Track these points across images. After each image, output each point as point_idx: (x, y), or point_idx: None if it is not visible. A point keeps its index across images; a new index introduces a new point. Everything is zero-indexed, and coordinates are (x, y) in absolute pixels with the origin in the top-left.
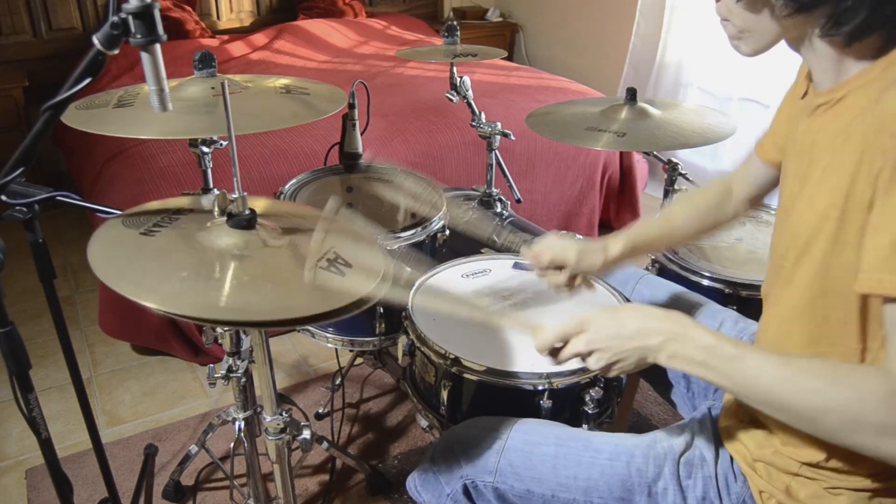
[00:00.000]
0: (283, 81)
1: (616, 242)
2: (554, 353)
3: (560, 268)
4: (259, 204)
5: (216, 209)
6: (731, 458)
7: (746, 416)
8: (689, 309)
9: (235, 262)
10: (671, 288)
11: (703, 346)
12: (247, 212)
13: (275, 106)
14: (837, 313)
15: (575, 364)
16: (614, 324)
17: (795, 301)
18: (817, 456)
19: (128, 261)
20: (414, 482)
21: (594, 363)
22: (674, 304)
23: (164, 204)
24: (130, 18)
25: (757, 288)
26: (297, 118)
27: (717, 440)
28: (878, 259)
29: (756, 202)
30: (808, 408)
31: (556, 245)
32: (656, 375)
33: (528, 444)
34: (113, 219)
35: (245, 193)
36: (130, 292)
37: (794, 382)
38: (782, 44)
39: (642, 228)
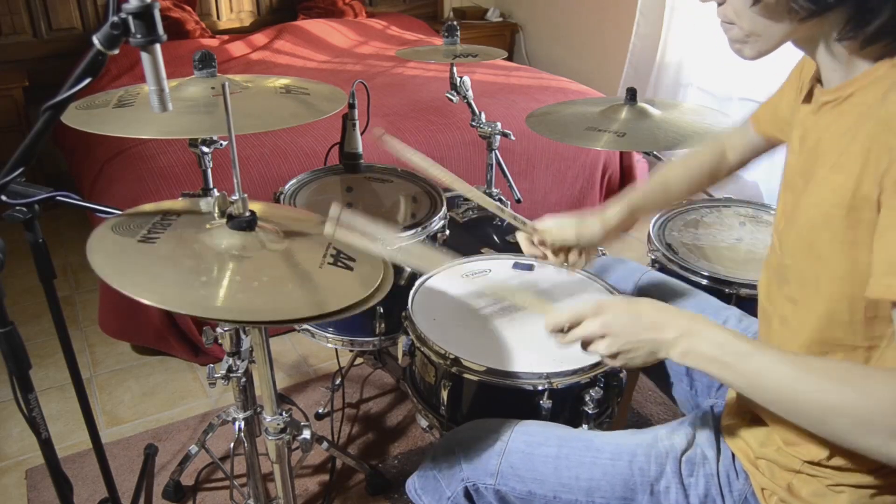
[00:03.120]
0: (283, 81)
1: (613, 211)
2: (560, 334)
3: (563, 249)
4: (257, 207)
5: (216, 211)
6: (733, 456)
7: (749, 414)
8: (692, 305)
9: (234, 263)
10: (673, 284)
11: (716, 343)
12: (247, 213)
13: (275, 106)
14: (843, 312)
15: (575, 364)
16: (632, 312)
17: (800, 300)
18: (820, 454)
19: (130, 264)
20: (414, 485)
21: (604, 348)
22: (677, 300)
23: (158, 206)
24: (130, 18)
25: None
26: (297, 118)
27: (719, 438)
28: (887, 263)
29: (744, 165)
30: (818, 408)
31: (553, 226)
32: (659, 372)
33: (529, 445)
34: (103, 226)
35: (245, 195)
36: (131, 291)
37: (806, 382)
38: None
39: (638, 193)
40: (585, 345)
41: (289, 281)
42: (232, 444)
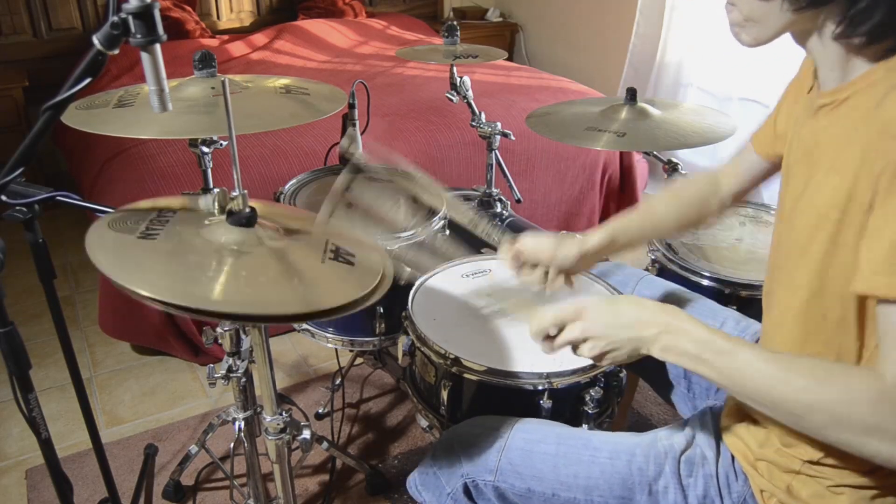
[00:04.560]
0: (283, 81)
1: (594, 234)
2: (548, 340)
3: (540, 266)
4: (256, 206)
5: (216, 207)
6: (733, 457)
7: (748, 416)
8: (690, 309)
9: (233, 259)
10: (672, 288)
11: (696, 340)
12: (247, 210)
13: (275, 106)
14: (835, 313)
15: (575, 364)
16: (611, 313)
17: (795, 300)
18: (816, 453)
19: (133, 260)
20: (414, 481)
21: (588, 351)
22: (675, 304)
23: (154, 203)
24: (130, 18)
25: (757, 288)
26: (297, 118)
27: (719, 439)
28: (874, 261)
29: (741, 197)
30: (796, 404)
31: (529, 242)
32: (657, 376)
33: (528, 442)
34: (100, 223)
35: (245, 191)
36: (137, 287)
37: (784, 378)
38: (782, 42)
39: (623, 220)
40: (574, 348)
41: (290, 277)
42: (232, 444)
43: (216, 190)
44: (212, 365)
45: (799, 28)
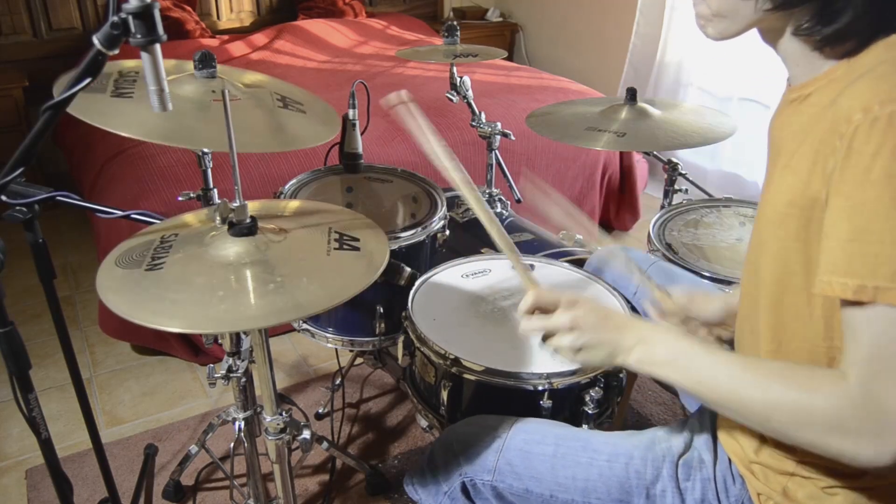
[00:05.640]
0: (280, 84)
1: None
2: (532, 320)
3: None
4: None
5: (218, 219)
6: (730, 460)
7: None
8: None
9: (250, 270)
10: (681, 274)
11: (669, 347)
12: (248, 220)
13: (268, 127)
14: (802, 310)
15: (575, 364)
16: (602, 312)
17: (763, 297)
18: (809, 455)
19: (147, 295)
20: (412, 480)
21: (570, 341)
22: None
23: (153, 230)
24: (130, 18)
25: None
26: (293, 143)
27: (716, 442)
28: (828, 262)
29: None
30: (761, 405)
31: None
32: None
33: (527, 443)
34: (107, 263)
35: (245, 203)
36: (154, 322)
37: (749, 380)
38: None
39: None
40: (546, 337)
41: (304, 274)
42: (232, 444)
43: (218, 202)
44: (212, 365)
45: (767, 26)
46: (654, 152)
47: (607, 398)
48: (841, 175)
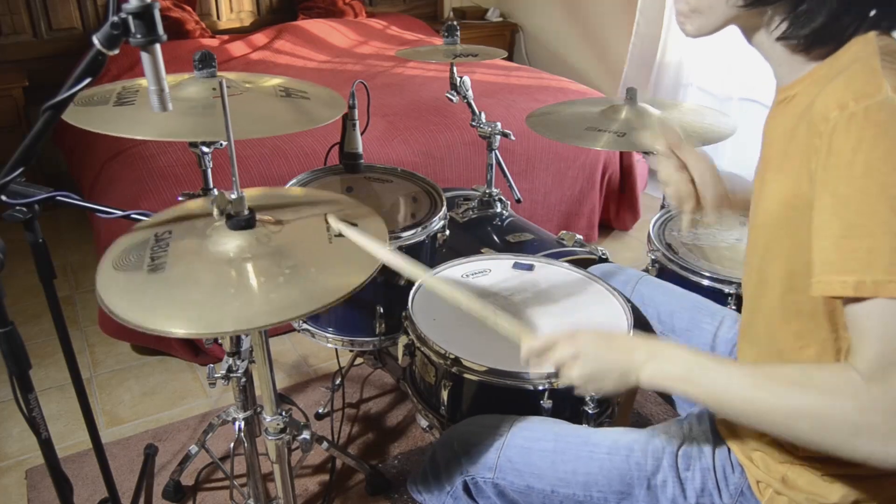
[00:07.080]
0: (277, 81)
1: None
2: (537, 359)
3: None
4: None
5: (216, 211)
6: (729, 449)
7: None
8: (689, 308)
9: (252, 264)
10: (670, 289)
11: (682, 361)
12: (245, 212)
13: (273, 110)
14: (806, 307)
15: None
16: (603, 338)
17: (769, 297)
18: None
19: (154, 299)
20: (414, 480)
21: (577, 370)
22: (674, 303)
23: (145, 224)
24: (130, 18)
25: None
26: (297, 124)
27: (715, 432)
28: (823, 261)
29: None
30: (781, 414)
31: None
32: None
33: (527, 440)
34: (104, 268)
35: (243, 193)
36: (167, 327)
37: (767, 389)
38: None
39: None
40: (560, 373)
41: (310, 265)
42: (232, 444)
43: (215, 192)
44: (212, 365)
45: (744, 23)
46: (654, 152)
47: (607, 398)
48: (824, 173)
